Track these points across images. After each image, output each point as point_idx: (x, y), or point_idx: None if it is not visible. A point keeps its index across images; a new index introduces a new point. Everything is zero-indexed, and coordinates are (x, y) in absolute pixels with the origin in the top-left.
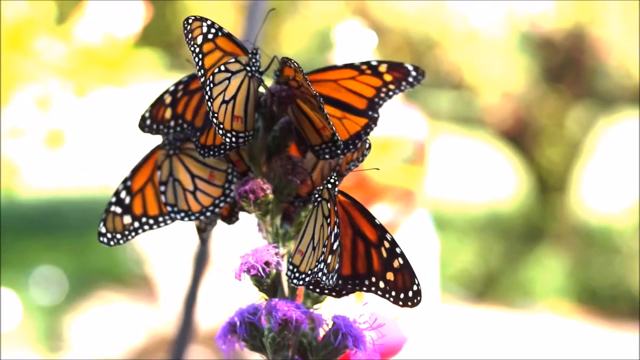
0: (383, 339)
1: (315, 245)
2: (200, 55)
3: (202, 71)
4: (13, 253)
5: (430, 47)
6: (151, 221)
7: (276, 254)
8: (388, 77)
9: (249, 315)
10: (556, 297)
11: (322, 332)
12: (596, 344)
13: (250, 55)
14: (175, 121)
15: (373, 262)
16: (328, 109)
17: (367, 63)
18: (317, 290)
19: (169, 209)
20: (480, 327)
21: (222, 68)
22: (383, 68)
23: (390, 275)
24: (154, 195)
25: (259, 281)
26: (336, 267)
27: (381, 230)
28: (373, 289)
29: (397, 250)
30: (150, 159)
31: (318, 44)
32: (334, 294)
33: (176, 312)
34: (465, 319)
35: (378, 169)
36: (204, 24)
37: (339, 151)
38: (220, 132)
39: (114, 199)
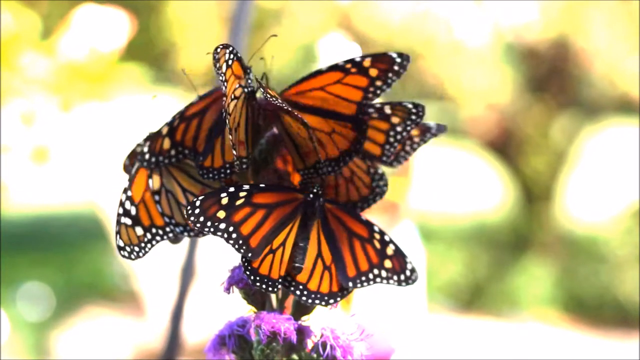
0: (371, 349)
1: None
2: (225, 84)
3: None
4: (1, 270)
5: (415, 59)
6: (161, 232)
7: None
8: (374, 72)
9: (238, 328)
10: (543, 306)
11: (310, 344)
12: (583, 352)
13: (245, 76)
14: (176, 149)
15: (370, 256)
16: (316, 124)
17: (351, 61)
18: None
19: (166, 220)
20: (468, 336)
21: (232, 97)
22: (367, 62)
23: (388, 263)
24: (154, 204)
25: (247, 294)
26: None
27: (369, 225)
28: (378, 279)
29: (387, 238)
30: (141, 169)
31: (302, 56)
32: (323, 303)
33: (163, 326)
34: (452, 329)
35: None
36: (227, 51)
37: (324, 170)
38: (236, 163)
39: (121, 210)
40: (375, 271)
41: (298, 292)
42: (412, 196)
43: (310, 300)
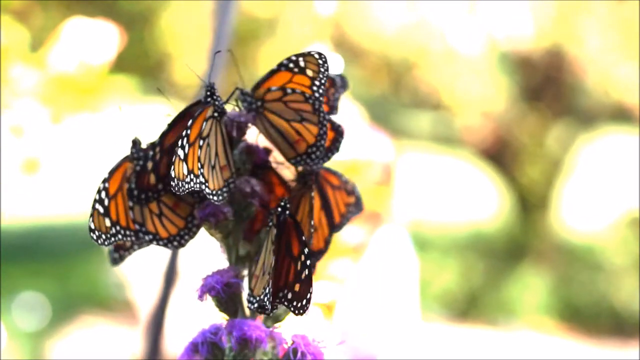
0: (354, 356)
1: (264, 270)
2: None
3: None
4: None
5: (409, 68)
6: (122, 232)
7: (236, 275)
8: (309, 72)
9: (211, 335)
10: (539, 315)
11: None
12: None
13: (209, 100)
14: (163, 183)
15: (290, 274)
16: (287, 113)
17: (291, 60)
18: (269, 313)
19: (136, 227)
20: (463, 345)
21: (203, 134)
22: (302, 62)
23: (297, 287)
24: (123, 206)
25: (219, 302)
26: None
27: (303, 245)
28: (284, 300)
29: (308, 262)
30: (122, 166)
31: None
32: (295, 311)
33: (142, 333)
34: (448, 338)
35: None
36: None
37: (313, 160)
38: (217, 197)
39: (97, 197)
40: (286, 291)
41: (251, 299)
42: (394, 205)
43: (252, 307)
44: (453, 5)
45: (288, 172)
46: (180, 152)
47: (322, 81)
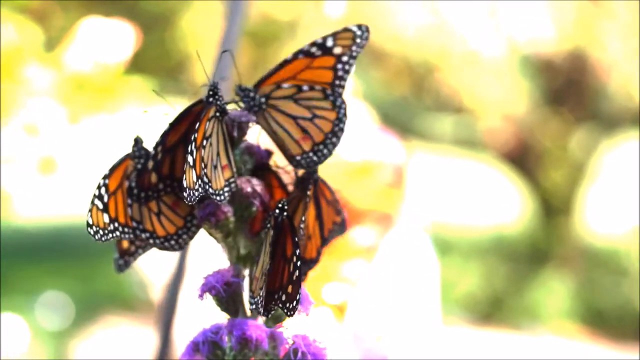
0: (365, 357)
1: (263, 272)
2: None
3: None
4: (19, 279)
5: (431, 71)
6: (121, 229)
7: (237, 274)
8: (338, 50)
9: (212, 335)
10: (562, 320)
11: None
12: None
13: (211, 100)
14: (164, 183)
15: (284, 276)
16: (297, 111)
17: (314, 44)
18: (267, 315)
19: (134, 224)
20: (486, 349)
21: (206, 134)
22: (330, 42)
23: (290, 288)
24: (123, 203)
25: (220, 301)
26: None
27: (295, 247)
28: (278, 302)
29: (298, 263)
30: (123, 163)
31: None
32: (287, 313)
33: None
34: (470, 342)
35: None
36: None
37: (319, 158)
38: (219, 197)
39: (97, 192)
40: (280, 293)
41: (251, 300)
42: (407, 207)
43: (252, 308)
44: (474, 7)
45: (287, 176)
46: (189, 158)
47: (353, 54)
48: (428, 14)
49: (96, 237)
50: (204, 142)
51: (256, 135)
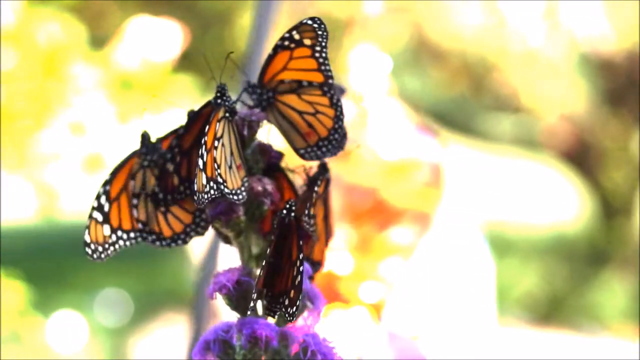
0: (400, 357)
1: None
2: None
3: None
4: (78, 276)
5: (489, 70)
6: (124, 236)
7: (248, 274)
8: (308, 42)
9: (222, 333)
10: (622, 321)
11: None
12: None
13: (219, 101)
14: (184, 185)
15: (288, 280)
16: (301, 106)
17: (284, 38)
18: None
19: (139, 226)
20: (546, 350)
21: (217, 135)
22: (296, 35)
23: (292, 293)
24: (127, 206)
25: (230, 300)
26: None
27: (299, 250)
28: (282, 306)
29: (301, 268)
30: (127, 164)
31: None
32: (288, 318)
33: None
34: (530, 343)
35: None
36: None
37: (324, 152)
38: (236, 197)
39: (95, 204)
40: (284, 296)
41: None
42: (449, 207)
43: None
44: (533, 6)
45: (299, 178)
46: (200, 162)
47: (323, 44)
48: (487, 13)
49: (94, 256)
50: (216, 142)
51: (266, 135)
